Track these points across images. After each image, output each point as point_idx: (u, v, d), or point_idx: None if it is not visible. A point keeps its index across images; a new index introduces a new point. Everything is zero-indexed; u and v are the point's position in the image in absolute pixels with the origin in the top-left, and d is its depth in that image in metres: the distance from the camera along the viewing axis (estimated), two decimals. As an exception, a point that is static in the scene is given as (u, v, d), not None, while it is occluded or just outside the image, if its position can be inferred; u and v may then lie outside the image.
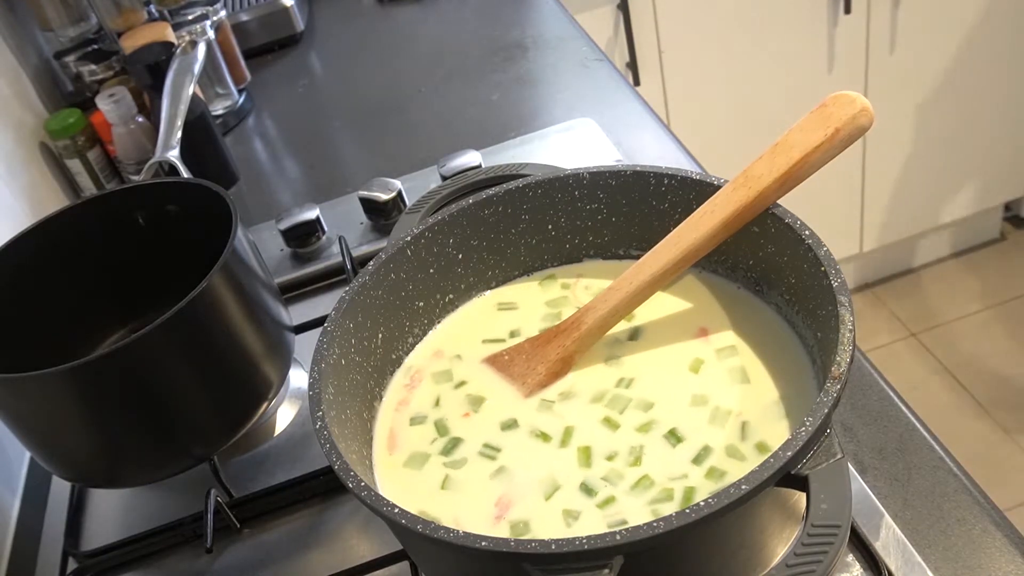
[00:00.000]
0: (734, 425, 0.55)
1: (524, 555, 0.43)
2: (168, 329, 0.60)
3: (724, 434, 0.55)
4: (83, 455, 0.66)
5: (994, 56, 1.90)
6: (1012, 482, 1.77)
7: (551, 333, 0.62)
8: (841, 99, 0.55)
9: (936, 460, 0.63)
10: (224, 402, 0.67)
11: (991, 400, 1.92)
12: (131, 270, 0.77)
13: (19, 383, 0.59)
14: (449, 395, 0.62)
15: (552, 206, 0.66)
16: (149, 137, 1.08)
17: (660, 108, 1.79)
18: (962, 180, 2.07)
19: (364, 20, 1.48)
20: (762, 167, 0.56)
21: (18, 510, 0.80)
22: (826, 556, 0.41)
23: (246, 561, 0.69)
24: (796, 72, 1.82)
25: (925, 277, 2.22)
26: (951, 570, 0.56)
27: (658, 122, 1.06)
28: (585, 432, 0.57)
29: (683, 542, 0.45)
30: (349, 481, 0.49)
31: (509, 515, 0.53)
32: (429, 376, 0.64)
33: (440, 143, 1.11)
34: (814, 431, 0.44)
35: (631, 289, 0.60)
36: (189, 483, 0.72)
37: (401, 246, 0.63)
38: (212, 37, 1.20)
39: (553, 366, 0.61)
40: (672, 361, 0.61)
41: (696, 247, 0.58)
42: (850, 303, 0.50)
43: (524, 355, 0.63)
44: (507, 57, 1.27)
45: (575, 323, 0.62)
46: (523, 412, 0.60)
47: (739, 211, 0.57)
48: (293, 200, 1.11)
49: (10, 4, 1.24)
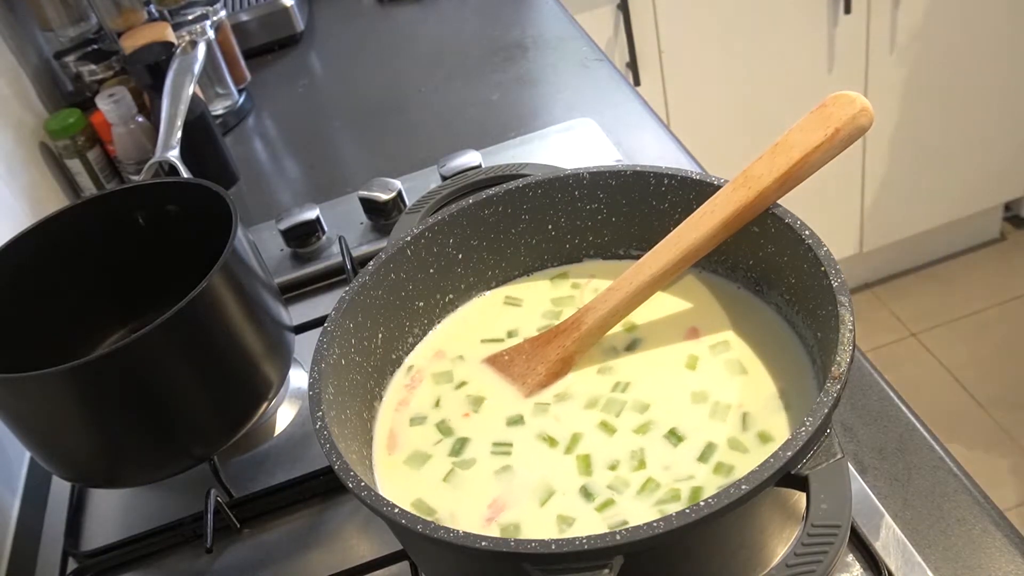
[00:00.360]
0: (735, 418, 0.55)
1: (524, 555, 0.43)
2: (168, 329, 0.60)
3: (725, 428, 0.55)
4: (83, 455, 0.66)
5: (994, 56, 1.90)
6: (1012, 482, 1.77)
7: (551, 333, 0.62)
8: (841, 99, 0.55)
9: (936, 460, 0.63)
10: (224, 402, 0.67)
11: (991, 400, 1.92)
12: (131, 270, 0.77)
13: (19, 383, 0.59)
14: (449, 395, 0.62)
15: (552, 206, 0.66)
16: (149, 137, 1.08)
17: (660, 108, 1.79)
18: (962, 180, 2.07)
19: (364, 20, 1.48)
20: (762, 167, 0.56)
21: (18, 510, 0.80)
22: (826, 556, 0.41)
23: (246, 561, 0.69)
24: (796, 72, 1.82)
25: (925, 277, 2.22)
26: (951, 570, 0.56)
27: (658, 122, 1.06)
28: (586, 437, 0.57)
29: (683, 542, 0.45)
30: (349, 481, 0.49)
31: (500, 518, 0.54)
32: (429, 376, 0.64)
33: (440, 143, 1.11)
34: (814, 431, 0.44)
35: (631, 289, 0.60)
36: (189, 483, 0.72)
37: (401, 246, 0.63)
38: (212, 37, 1.20)
39: (553, 366, 0.61)
40: (669, 360, 0.61)
41: (696, 247, 0.58)
42: (850, 303, 0.50)
43: (524, 355, 0.63)
44: (507, 57, 1.27)
45: (575, 323, 0.62)
46: (525, 412, 0.60)
47: (739, 211, 0.57)
48: (293, 200, 1.11)
49: (10, 4, 1.24)
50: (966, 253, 2.25)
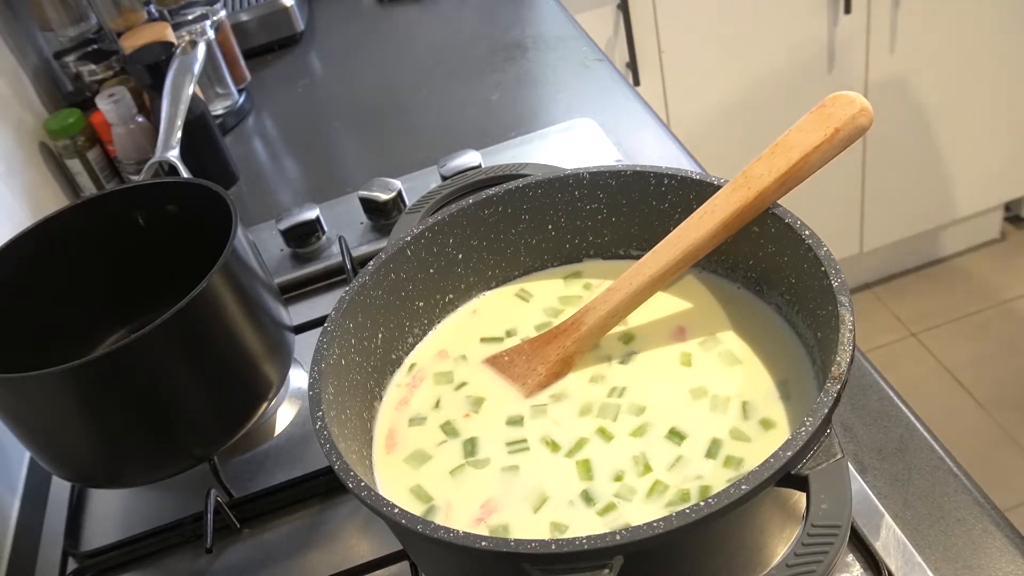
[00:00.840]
0: (735, 407, 0.56)
1: (524, 555, 0.43)
2: (168, 329, 0.60)
3: (727, 419, 0.55)
4: (83, 455, 0.66)
5: (994, 56, 1.90)
6: (1012, 482, 1.77)
7: (551, 334, 0.62)
8: (840, 99, 0.55)
9: (936, 460, 0.63)
10: (224, 402, 0.67)
11: (991, 400, 1.92)
12: (131, 270, 0.77)
13: (19, 383, 0.59)
14: (450, 396, 0.62)
15: (552, 206, 0.66)
16: (149, 137, 1.08)
17: (660, 108, 1.79)
18: (962, 180, 2.07)
19: (364, 20, 1.48)
20: (761, 167, 0.56)
21: (18, 510, 0.80)
22: (826, 556, 0.41)
23: (246, 561, 0.69)
24: (796, 72, 1.82)
25: (925, 277, 2.22)
26: (951, 570, 0.56)
27: (658, 122, 1.06)
28: (589, 444, 0.57)
29: (683, 542, 0.45)
30: (349, 481, 0.49)
31: (490, 520, 0.54)
32: (430, 376, 0.64)
33: (440, 143, 1.11)
34: (814, 431, 0.44)
35: (631, 290, 0.60)
36: (189, 483, 0.72)
37: (401, 246, 0.63)
38: (212, 37, 1.20)
39: (553, 366, 0.61)
40: (664, 360, 0.61)
41: (696, 247, 0.58)
42: (850, 303, 0.50)
43: (524, 356, 0.63)
44: (507, 57, 1.27)
45: (575, 323, 0.62)
46: (525, 413, 0.60)
47: (739, 211, 0.57)
48: (293, 200, 1.11)
49: (10, 4, 1.24)
50: (966, 253, 2.25)
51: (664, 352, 0.61)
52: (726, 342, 0.60)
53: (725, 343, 0.60)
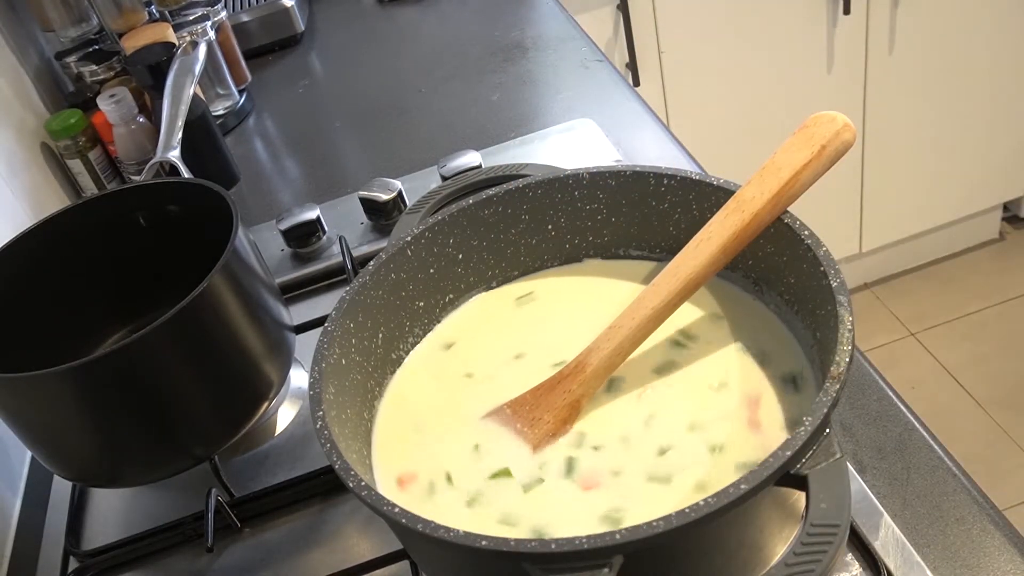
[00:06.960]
0: (735, 408, 0.56)
1: (524, 554, 0.43)
2: (169, 329, 0.60)
3: (727, 420, 0.55)
4: (84, 455, 0.67)
5: (993, 56, 1.90)
6: (1011, 482, 1.77)
7: (554, 380, 0.59)
8: (822, 119, 0.56)
9: (935, 460, 0.63)
10: (224, 402, 0.67)
11: (991, 400, 1.92)
12: (131, 270, 0.77)
13: (19, 383, 0.59)
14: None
15: (552, 206, 0.67)
16: (150, 137, 1.08)
17: (660, 108, 1.79)
18: (961, 180, 2.07)
19: (364, 20, 1.48)
20: (753, 190, 0.56)
21: (19, 509, 0.81)
22: (825, 556, 0.42)
23: (247, 561, 0.69)
24: (795, 72, 1.82)
25: (925, 277, 2.22)
26: (950, 569, 0.56)
27: (658, 122, 1.06)
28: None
29: (683, 541, 0.46)
30: (349, 481, 0.49)
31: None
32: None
33: (440, 143, 1.11)
34: (813, 431, 0.45)
35: (634, 325, 0.58)
36: (190, 483, 0.72)
37: (401, 246, 0.63)
38: (213, 38, 1.21)
39: (560, 412, 0.58)
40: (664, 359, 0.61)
41: (696, 276, 0.57)
42: (849, 303, 0.50)
43: (527, 406, 0.59)
44: (507, 57, 1.27)
45: (579, 366, 0.58)
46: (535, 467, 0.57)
47: (736, 235, 0.56)
48: (293, 200, 1.11)
49: (11, 4, 1.24)
50: (965, 253, 2.25)
51: (661, 353, 0.61)
52: (725, 342, 0.60)
53: (724, 343, 0.60)
